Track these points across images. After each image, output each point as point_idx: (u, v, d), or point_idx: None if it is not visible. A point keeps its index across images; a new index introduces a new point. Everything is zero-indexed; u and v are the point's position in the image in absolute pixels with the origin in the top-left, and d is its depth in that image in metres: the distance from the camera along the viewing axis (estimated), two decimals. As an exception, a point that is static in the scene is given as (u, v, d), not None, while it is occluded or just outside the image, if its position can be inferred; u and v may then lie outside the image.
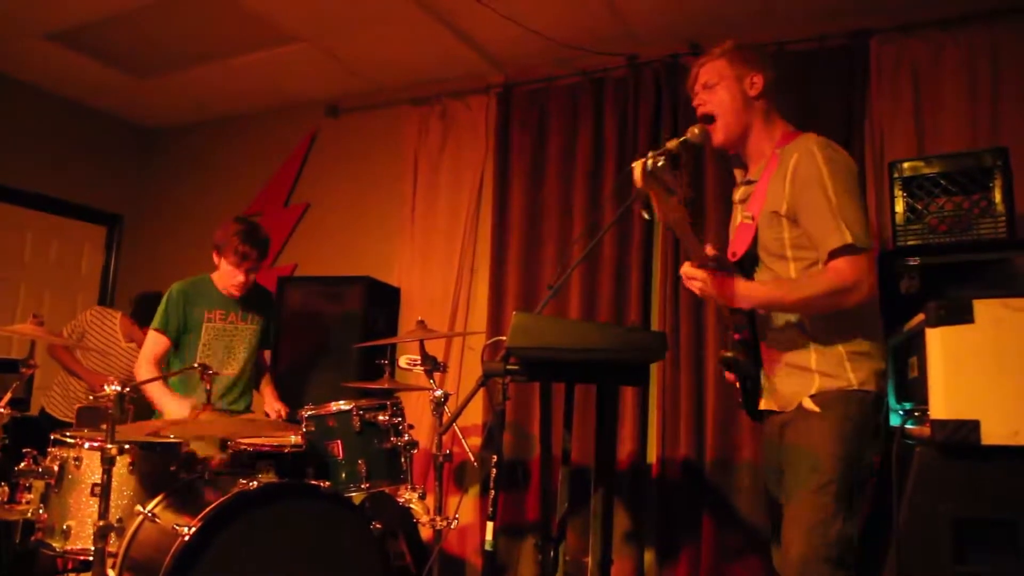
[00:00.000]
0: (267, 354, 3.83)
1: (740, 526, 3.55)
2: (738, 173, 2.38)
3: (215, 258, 3.47)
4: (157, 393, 3.25)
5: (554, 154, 4.34)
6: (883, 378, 2.05)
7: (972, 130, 3.41)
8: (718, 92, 2.24)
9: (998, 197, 2.73)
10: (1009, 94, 3.38)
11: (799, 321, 2.10)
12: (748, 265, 2.21)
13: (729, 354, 2.26)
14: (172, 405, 3.20)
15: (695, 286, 2.09)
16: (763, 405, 2.26)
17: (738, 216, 2.33)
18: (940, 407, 1.81)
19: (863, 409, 2.01)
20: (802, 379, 2.08)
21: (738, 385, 2.32)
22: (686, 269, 2.10)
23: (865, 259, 1.96)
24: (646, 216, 1.90)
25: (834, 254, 1.97)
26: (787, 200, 2.06)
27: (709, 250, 2.17)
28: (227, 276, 3.43)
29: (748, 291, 2.07)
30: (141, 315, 4.35)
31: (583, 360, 2.02)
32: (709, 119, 2.25)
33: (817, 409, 2.02)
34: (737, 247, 2.24)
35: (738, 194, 2.34)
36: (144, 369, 3.37)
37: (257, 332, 3.59)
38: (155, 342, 3.41)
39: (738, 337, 2.24)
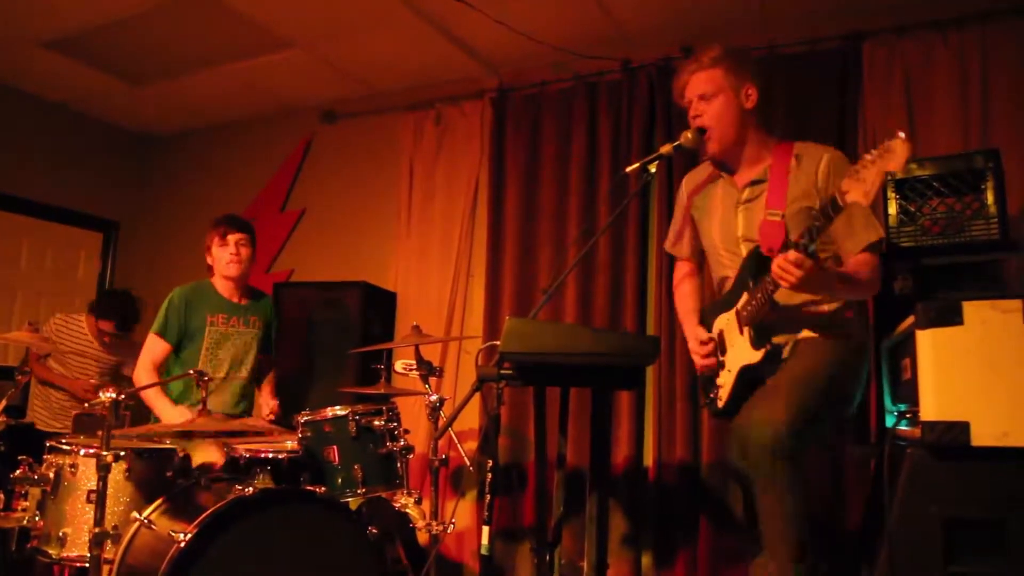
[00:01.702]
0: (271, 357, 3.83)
1: (737, 528, 3.55)
2: (726, 176, 2.43)
3: (208, 259, 3.53)
4: (154, 399, 3.26)
5: (549, 158, 4.35)
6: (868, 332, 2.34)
7: (964, 132, 3.42)
8: (714, 104, 2.29)
9: (990, 199, 2.74)
10: (1000, 96, 3.40)
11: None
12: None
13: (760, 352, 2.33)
14: (170, 412, 3.21)
15: (795, 274, 1.99)
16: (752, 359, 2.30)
17: (738, 217, 2.36)
18: (930, 409, 1.82)
19: (858, 349, 2.28)
20: (804, 316, 2.27)
21: (721, 382, 2.37)
22: (796, 256, 2.01)
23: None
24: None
25: (870, 248, 2.19)
26: (822, 195, 2.18)
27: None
28: (222, 259, 3.49)
29: (830, 281, 2.17)
30: (99, 308, 4.39)
31: (577, 364, 2.03)
32: (703, 131, 2.30)
33: (817, 335, 2.24)
34: (772, 243, 2.24)
35: (743, 194, 2.37)
36: (143, 374, 3.38)
37: (258, 336, 3.61)
38: (154, 346, 3.42)
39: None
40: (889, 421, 2.45)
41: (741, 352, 2.28)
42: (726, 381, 2.34)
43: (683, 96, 2.38)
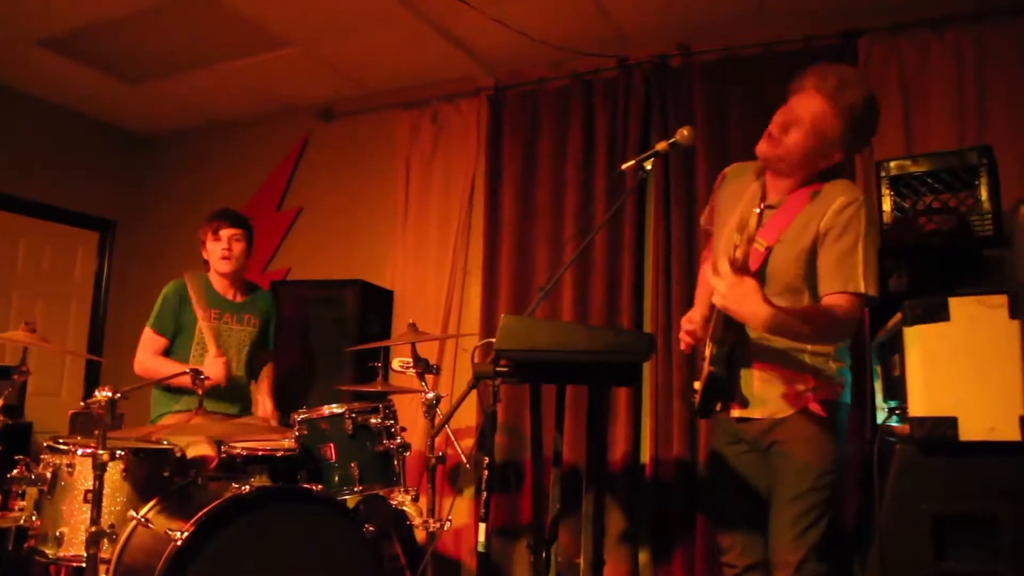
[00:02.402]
0: (270, 356, 3.82)
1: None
2: (753, 188, 2.31)
3: (203, 254, 3.54)
4: (170, 369, 3.21)
5: (545, 156, 4.35)
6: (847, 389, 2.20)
7: (959, 129, 3.44)
8: (799, 137, 2.12)
9: (984, 195, 2.74)
10: (995, 93, 3.41)
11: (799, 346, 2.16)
12: None
13: (714, 369, 2.20)
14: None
15: (718, 285, 1.97)
16: (740, 414, 2.24)
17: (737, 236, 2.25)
18: (918, 404, 1.83)
19: (845, 416, 2.19)
20: (796, 389, 2.15)
21: (697, 387, 2.32)
22: (722, 263, 2.01)
23: (862, 311, 2.13)
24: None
25: (848, 295, 2.03)
26: (815, 239, 2.10)
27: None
28: (214, 254, 3.49)
29: (768, 314, 1.93)
30: None
31: (572, 361, 2.03)
32: (772, 153, 2.18)
33: (824, 414, 2.12)
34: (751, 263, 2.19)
35: (749, 218, 2.20)
36: (147, 360, 3.38)
37: (253, 334, 3.59)
38: (151, 341, 3.43)
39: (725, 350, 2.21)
40: (880, 417, 2.46)
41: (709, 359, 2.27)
42: (700, 384, 2.31)
43: (789, 92, 2.24)
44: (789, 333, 2.03)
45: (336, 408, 2.85)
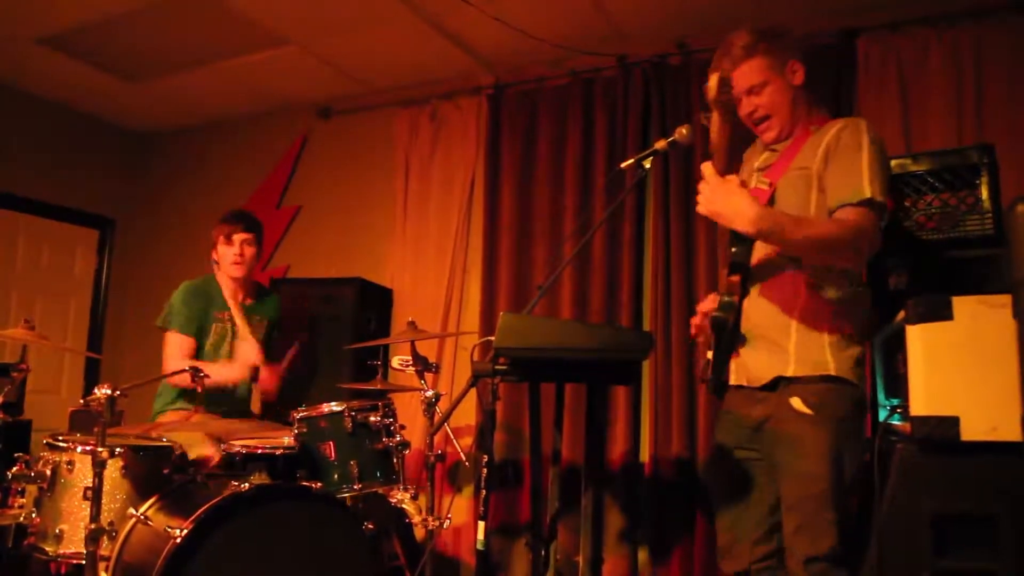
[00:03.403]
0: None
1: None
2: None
3: (214, 255, 3.52)
4: (215, 371, 3.15)
5: (544, 154, 4.35)
6: (860, 368, 2.04)
7: (958, 127, 3.44)
8: (765, 94, 2.19)
9: (985, 194, 2.73)
10: (994, 91, 3.41)
11: (791, 284, 2.08)
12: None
13: (720, 314, 2.16)
14: (224, 369, 3.28)
15: (702, 189, 1.98)
16: (732, 380, 2.23)
17: (752, 181, 2.27)
18: (920, 404, 1.82)
19: (852, 405, 2.03)
20: (775, 357, 2.07)
21: (710, 356, 2.26)
22: (705, 165, 1.99)
23: (875, 224, 1.98)
24: (704, 122, 2.16)
25: (855, 204, 1.97)
26: (820, 161, 2.06)
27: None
28: (226, 257, 3.46)
29: (759, 210, 1.90)
30: None
31: (571, 359, 2.03)
32: (763, 119, 2.23)
33: (809, 412, 2.00)
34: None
35: (758, 161, 2.30)
36: (180, 365, 3.35)
37: (261, 335, 3.60)
38: (181, 344, 3.39)
39: (734, 299, 2.18)
40: (882, 415, 2.46)
41: None
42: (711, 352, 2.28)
43: (720, 93, 2.29)
44: (782, 238, 1.96)
45: (335, 406, 2.84)
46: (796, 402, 2.02)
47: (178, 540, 2.20)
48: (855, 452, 2.02)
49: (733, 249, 2.19)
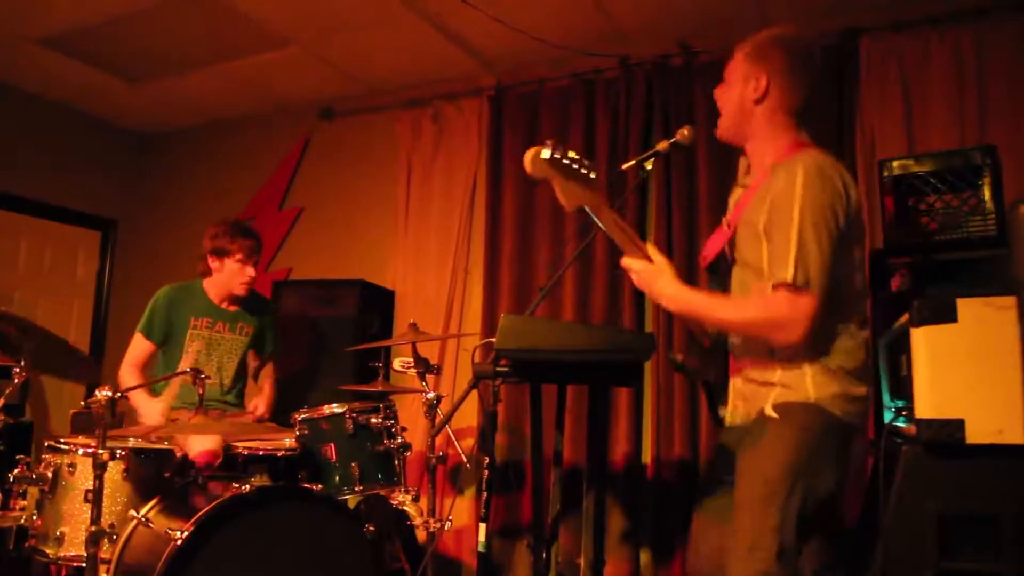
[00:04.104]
0: (271, 363, 3.81)
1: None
2: (741, 164, 2.25)
3: (213, 263, 3.47)
4: (136, 399, 3.20)
5: (546, 155, 4.34)
6: (850, 405, 1.89)
7: (960, 128, 3.42)
8: (726, 93, 2.17)
9: (987, 195, 2.73)
10: (996, 92, 3.39)
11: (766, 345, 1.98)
12: (723, 270, 2.12)
13: (678, 357, 2.18)
14: (146, 408, 3.18)
15: (633, 279, 2.05)
16: (728, 421, 2.13)
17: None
18: (925, 406, 1.82)
19: (824, 426, 1.87)
20: (761, 393, 1.98)
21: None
22: (625, 261, 2.06)
23: (808, 302, 1.81)
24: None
25: (777, 287, 1.84)
26: (764, 218, 1.94)
27: (649, 247, 2.08)
28: (235, 275, 3.44)
29: (676, 292, 1.97)
30: None
31: (572, 361, 2.03)
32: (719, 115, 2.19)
33: (776, 415, 1.91)
34: (708, 251, 2.16)
35: (732, 197, 2.25)
36: (125, 373, 3.37)
37: (246, 343, 3.59)
38: (138, 345, 3.43)
39: (707, 344, 2.18)
40: (887, 417, 2.45)
41: None
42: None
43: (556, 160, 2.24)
44: (700, 319, 2.02)
45: (337, 408, 2.85)
46: (767, 408, 1.93)
47: (179, 542, 2.20)
48: (827, 471, 1.87)
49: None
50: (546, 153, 1.74)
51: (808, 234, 1.82)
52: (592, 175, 1.85)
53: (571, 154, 1.79)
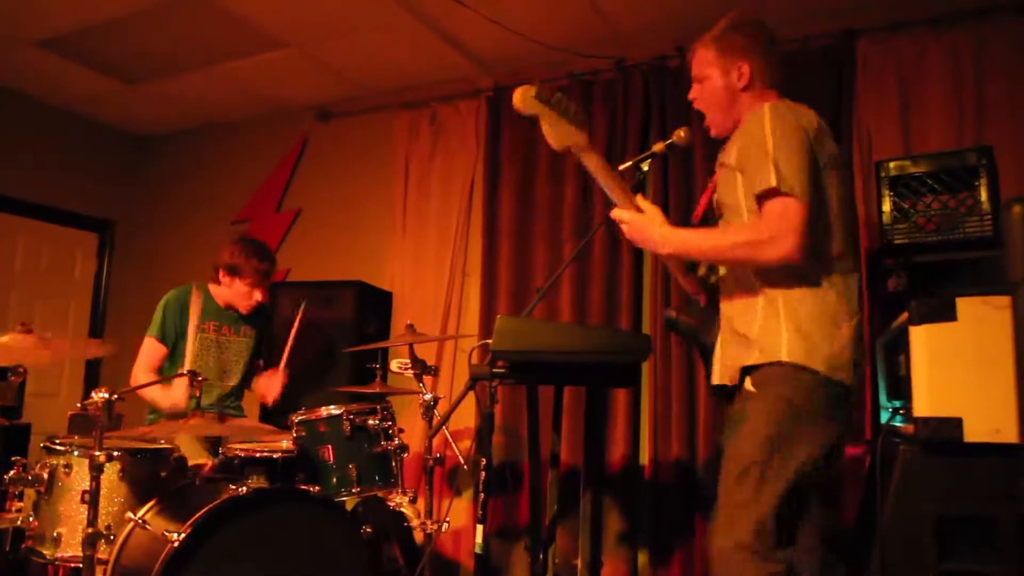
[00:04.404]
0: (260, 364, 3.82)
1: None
2: None
3: (223, 277, 3.48)
4: (154, 394, 3.24)
5: (543, 156, 4.35)
6: (830, 355, 1.88)
7: (957, 129, 3.43)
8: (706, 86, 2.19)
9: (984, 195, 2.74)
10: (993, 93, 3.40)
11: (751, 285, 2.00)
12: (710, 224, 2.16)
13: (672, 313, 2.20)
14: (163, 398, 3.21)
15: (624, 230, 2.09)
16: (715, 379, 2.12)
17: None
18: (923, 404, 1.82)
19: (803, 390, 1.87)
20: (742, 349, 1.99)
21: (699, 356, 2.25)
22: (614, 212, 2.09)
23: (795, 208, 1.83)
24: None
25: (761, 199, 1.88)
26: (735, 153, 2.02)
27: (639, 198, 2.11)
28: (241, 297, 3.46)
29: (666, 235, 2.02)
30: None
31: (568, 362, 2.03)
32: (702, 114, 2.22)
33: (753, 389, 1.93)
34: (698, 209, 2.21)
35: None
36: (142, 377, 3.37)
37: (250, 345, 3.60)
38: (152, 350, 3.42)
39: (703, 301, 2.20)
40: (884, 417, 2.45)
41: None
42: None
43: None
44: (693, 252, 2.06)
45: (334, 409, 2.84)
46: (747, 382, 1.96)
47: (176, 544, 2.19)
48: (809, 438, 1.86)
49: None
50: (533, 90, 1.83)
51: (780, 145, 1.89)
52: (580, 118, 1.93)
53: (558, 95, 1.87)
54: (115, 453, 2.51)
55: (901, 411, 2.17)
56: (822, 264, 1.94)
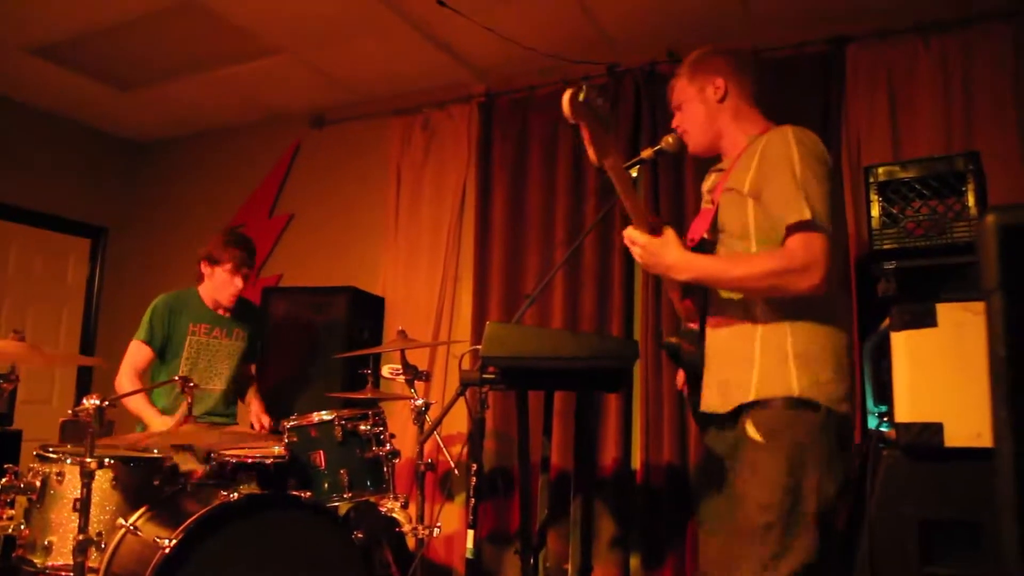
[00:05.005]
0: (252, 367, 3.83)
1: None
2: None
3: (205, 269, 3.50)
4: (140, 406, 3.26)
5: (536, 163, 4.37)
6: (834, 390, 1.91)
7: (946, 135, 3.46)
8: (686, 110, 2.22)
9: (971, 201, 2.76)
10: (982, 99, 3.43)
11: (748, 307, 2.00)
12: (708, 251, 2.14)
13: (674, 340, 2.18)
14: (156, 420, 3.21)
15: (635, 252, 2.03)
16: (702, 406, 2.10)
17: (703, 203, 2.29)
18: (904, 410, 1.83)
19: (813, 432, 1.89)
20: (740, 379, 1.97)
21: (686, 388, 2.24)
22: (628, 232, 2.03)
23: (822, 241, 1.84)
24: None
25: (791, 229, 1.86)
26: (752, 178, 1.98)
27: (651, 216, 2.09)
28: (223, 285, 3.46)
29: (687, 260, 1.96)
30: None
31: (557, 368, 2.04)
32: (685, 134, 2.24)
33: (761, 439, 1.90)
34: (695, 232, 2.18)
35: (707, 184, 2.29)
36: (126, 380, 3.38)
37: (242, 347, 3.61)
38: (138, 353, 3.43)
39: (694, 326, 2.19)
40: (871, 422, 2.47)
41: None
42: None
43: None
44: (718, 281, 2.00)
45: (326, 415, 2.84)
46: (750, 427, 1.93)
47: (167, 550, 2.20)
48: (823, 475, 1.87)
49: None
50: (582, 95, 1.72)
51: (809, 177, 1.88)
52: (614, 127, 1.86)
53: (600, 100, 1.78)
54: (107, 461, 2.52)
55: (886, 416, 2.19)
56: (826, 294, 1.93)
